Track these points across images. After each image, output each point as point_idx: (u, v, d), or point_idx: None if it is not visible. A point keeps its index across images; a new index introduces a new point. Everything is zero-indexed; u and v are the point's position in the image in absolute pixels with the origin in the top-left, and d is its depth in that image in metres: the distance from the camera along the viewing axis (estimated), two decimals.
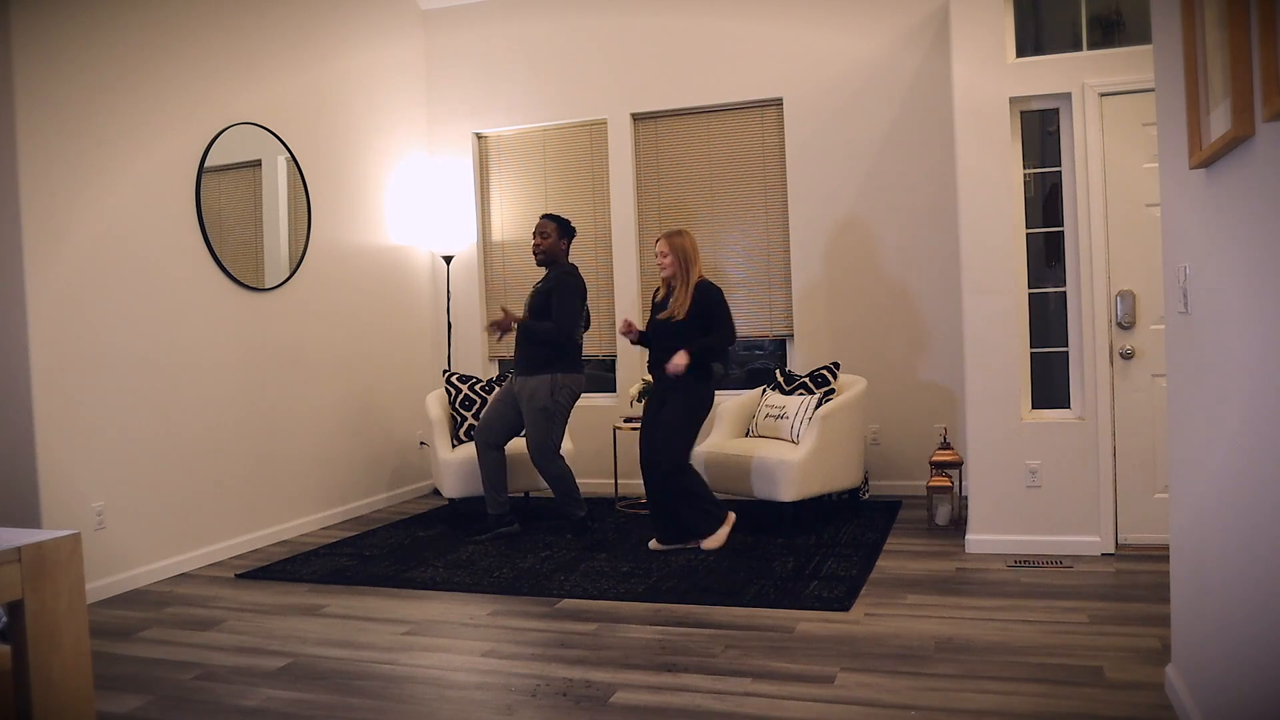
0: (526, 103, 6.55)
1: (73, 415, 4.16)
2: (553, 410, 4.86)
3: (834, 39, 5.89)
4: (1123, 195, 4.29)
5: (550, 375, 4.84)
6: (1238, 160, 1.93)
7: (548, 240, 4.99)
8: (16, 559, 1.71)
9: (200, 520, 4.82)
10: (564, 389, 4.87)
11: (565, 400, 4.90)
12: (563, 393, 4.87)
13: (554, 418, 4.87)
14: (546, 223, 5.03)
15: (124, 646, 3.60)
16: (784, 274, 6.09)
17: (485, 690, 3.07)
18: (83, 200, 4.24)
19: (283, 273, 5.42)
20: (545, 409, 4.83)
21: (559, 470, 4.87)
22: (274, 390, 5.32)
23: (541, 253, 5.01)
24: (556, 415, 4.87)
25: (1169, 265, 2.60)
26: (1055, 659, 3.09)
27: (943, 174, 5.58)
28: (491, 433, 5.03)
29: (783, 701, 2.86)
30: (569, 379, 4.89)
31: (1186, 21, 2.18)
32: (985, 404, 4.45)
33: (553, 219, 5.05)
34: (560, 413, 4.89)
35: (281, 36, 5.44)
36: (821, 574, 4.18)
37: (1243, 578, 2.01)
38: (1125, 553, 4.30)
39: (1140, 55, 4.17)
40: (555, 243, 5.00)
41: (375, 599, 4.15)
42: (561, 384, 4.86)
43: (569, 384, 4.90)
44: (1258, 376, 1.86)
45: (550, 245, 4.99)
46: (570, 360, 4.91)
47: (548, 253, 5.00)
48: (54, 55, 4.10)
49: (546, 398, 4.83)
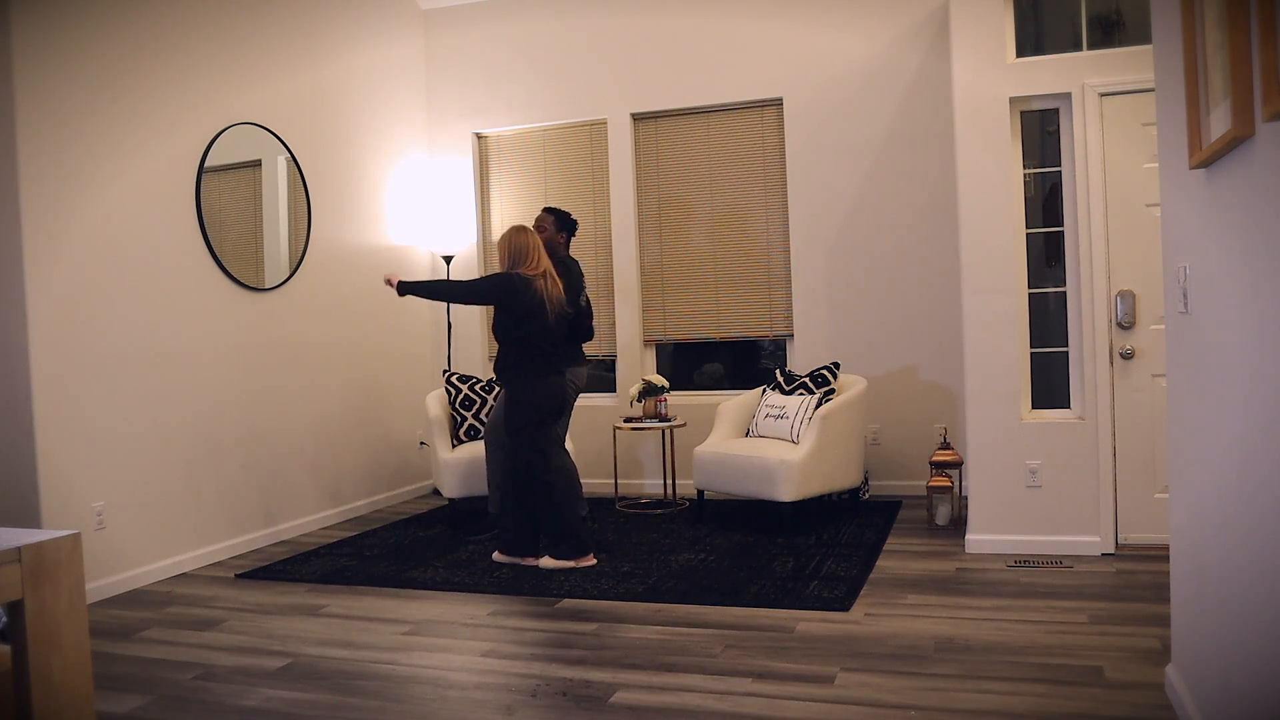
0: (526, 103, 6.55)
1: (73, 415, 4.16)
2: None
3: (834, 39, 5.89)
4: (1123, 195, 4.29)
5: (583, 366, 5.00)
6: (1238, 160, 1.93)
7: (544, 234, 4.97)
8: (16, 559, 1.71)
9: (200, 520, 4.82)
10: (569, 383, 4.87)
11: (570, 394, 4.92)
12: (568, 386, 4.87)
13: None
14: (545, 216, 5.03)
15: (124, 646, 3.60)
16: (784, 274, 6.10)
17: (485, 690, 3.07)
18: (83, 200, 4.24)
19: (283, 273, 5.42)
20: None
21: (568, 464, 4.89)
22: (274, 390, 5.32)
23: None
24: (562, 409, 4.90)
25: (1169, 265, 2.60)
26: (1055, 659, 3.09)
27: (943, 174, 5.58)
28: (500, 431, 5.01)
29: (783, 701, 2.86)
30: (573, 373, 4.90)
31: (1186, 21, 2.18)
32: (985, 404, 4.45)
33: (551, 213, 5.04)
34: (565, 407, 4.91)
35: (281, 36, 5.44)
36: (821, 574, 4.18)
37: (1243, 577, 2.01)
38: (1125, 553, 4.30)
39: (1140, 55, 4.17)
40: (552, 236, 4.99)
41: (375, 599, 4.15)
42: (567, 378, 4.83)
43: (573, 378, 4.91)
44: (1258, 376, 1.86)
45: (547, 239, 4.96)
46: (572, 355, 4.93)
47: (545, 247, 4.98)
48: (54, 55, 4.10)
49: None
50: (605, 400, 6.46)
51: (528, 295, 4.37)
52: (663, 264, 6.35)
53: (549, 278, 4.47)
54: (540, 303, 4.39)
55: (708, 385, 6.55)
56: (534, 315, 4.39)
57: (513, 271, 4.42)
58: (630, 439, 6.26)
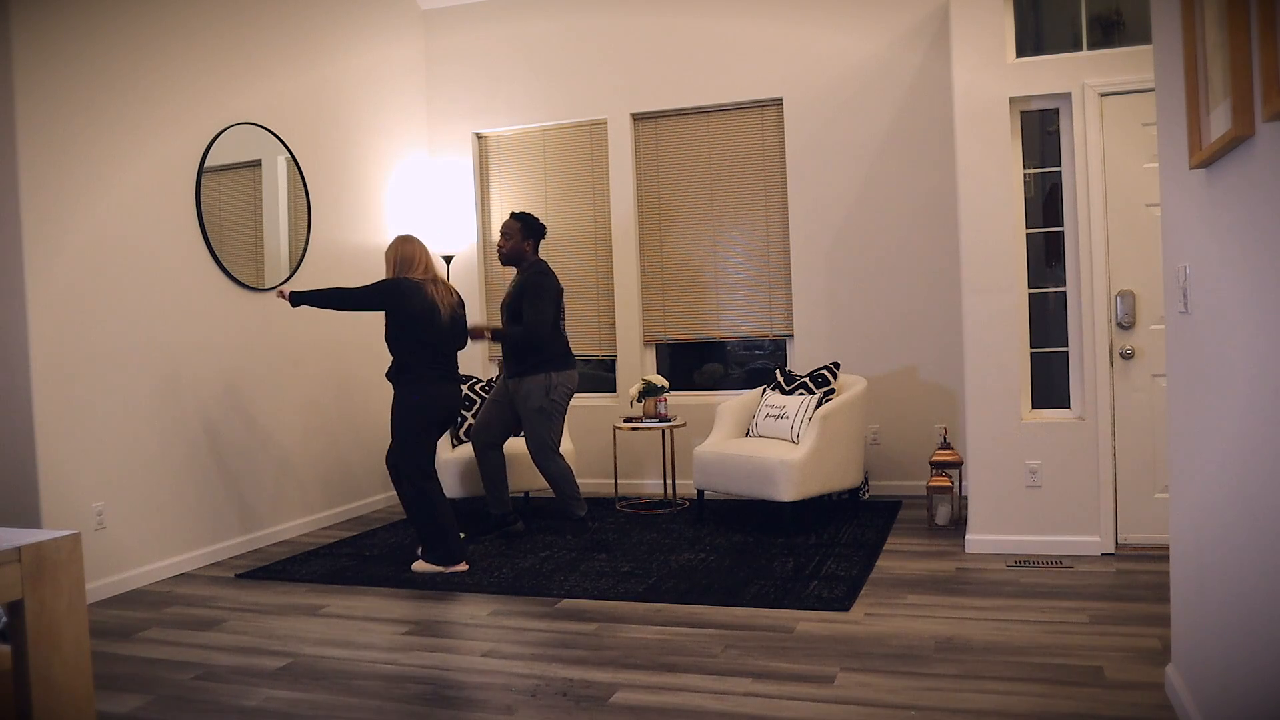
0: (526, 103, 6.55)
1: (73, 415, 4.16)
2: (549, 410, 4.84)
3: (834, 39, 5.89)
4: (1123, 195, 4.29)
5: (545, 374, 4.82)
6: (1238, 160, 1.93)
7: (510, 241, 4.94)
8: (16, 559, 1.71)
9: (200, 520, 4.82)
10: (559, 388, 4.85)
11: (561, 399, 4.87)
12: (558, 391, 4.84)
13: (551, 417, 4.85)
14: (511, 222, 4.97)
15: (124, 646, 3.60)
16: (784, 274, 6.10)
17: (485, 690, 3.07)
18: (83, 200, 4.24)
19: (282, 273, 5.41)
20: (542, 409, 4.82)
21: (560, 469, 4.86)
22: (274, 390, 5.32)
23: (504, 253, 4.97)
24: (554, 414, 4.86)
25: (1169, 265, 2.60)
26: (1055, 659, 3.09)
27: (943, 174, 5.58)
28: (489, 433, 5.03)
29: (783, 701, 2.86)
30: (563, 377, 4.86)
31: (1186, 21, 2.18)
32: (985, 404, 4.45)
33: (518, 218, 4.99)
34: (557, 411, 4.87)
35: (281, 36, 5.44)
36: (821, 574, 4.18)
37: (1243, 577, 2.01)
38: (1125, 553, 4.30)
39: (1140, 55, 4.17)
40: (519, 243, 4.94)
41: (375, 599, 4.15)
42: (556, 383, 4.84)
43: (563, 382, 4.87)
44: (1258, 376, 1.86)
45: (513, 246, 4.94)
46: (562, 357, 4.89)
47: (510, 254, 4.96)
48: (54, 55, 4.10)
49: (543, 398, 4.81)
50: (605, 400, 6.46)
51: (418, 299, 4.41)
52: (663, 264, 6.35)
53: (439, 283, 4.53)
54: (432, 306, 4.44)
55: (708, 385, 6.55)
56: (426, 320, 4.43)
57: (401, 277, 4.47)
58: (631, 439, 6.26)
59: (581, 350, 6.51)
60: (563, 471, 4.85)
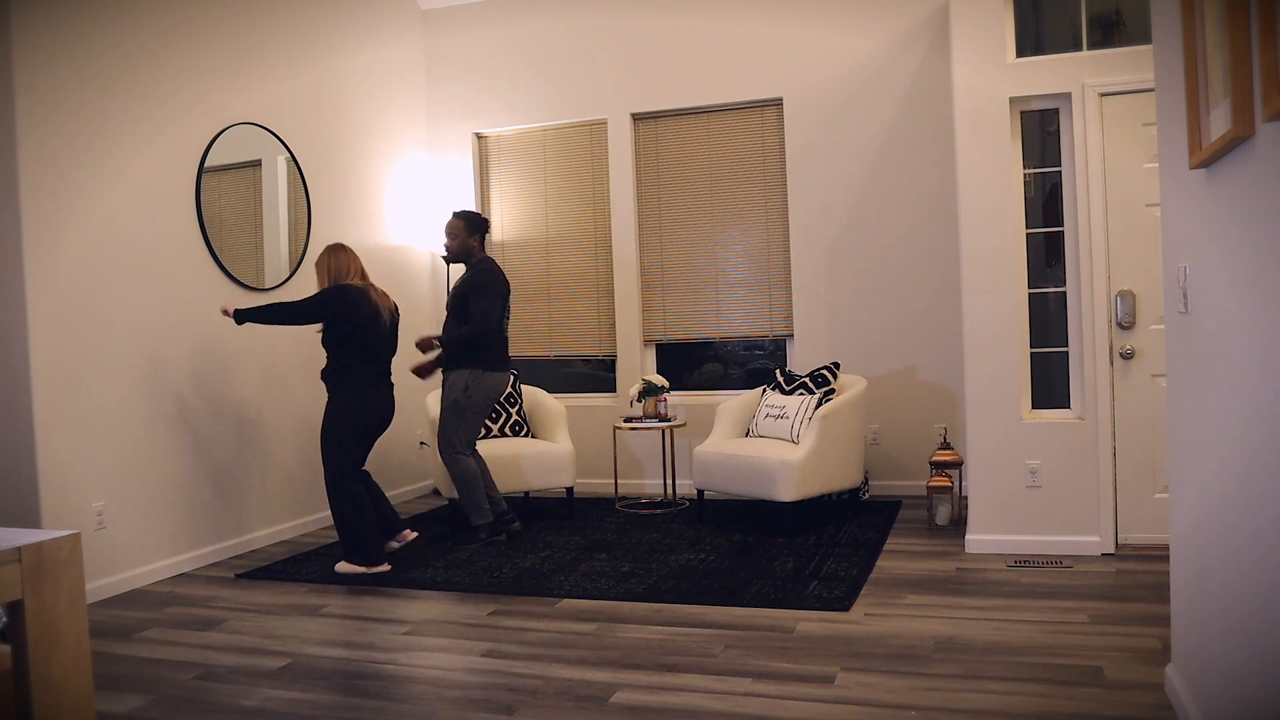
0: (526, 103, 6.55)
1: (73, 415, 4.16)
2: (463, 406, 4.80)
3: (834, 39, 5.89)
4: (1123, 195, 4.29)
5: (471, 370, 4.80)
6: (1238, 160, 1.93)
7: (455, 240, 4.96)
8: (16, 559, 1.71)
9: (200, 520, 4.82)
10: (481, 388, 4.81)
11: (480, 399, 4.83)
12: (478, 390, 4.81)
13: (463, 414, 4.82)
14: (455, 221, 4.99)
15: (124, 646, 3.60)
16: (784, 274, 6.10)
17: (485, 690, 3.07)
18: (83, 200, 4.24)
19: (283, 273, 5.41)
20: (456, 402, 4.79)
21: (462, 470, 4.82)
22: (274, 389, 5.32)
23: (451, 252, 4.99)
24: (467, 412, 4.82)
25: (1169, 265, 2.60)
26: (1055, 659, 3.09)
27: (943, 174, 5.58)
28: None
29: (783, 701, 2.86)
30: (488, 378, 4.84)
31: (1186, 21, 2.18)
32: (985, 404, 4.45)
33: (460, 216, 5.00)
34: (472, 410, 4.83)
35: (281, 36, 5.44)
36: (821, 574, 4.18)
37: (1243, 577, 2.01)
38: (1125, 553, 4.30)
39: (1140, 55, 4.17)
40: (464, 241, 4.96)
41: (375, 599, 4.15)
42: (480, 382, 4.80)
43: (487, 383, 4.84)
44: (1258, 376, 1.86)
45: (459, 244, 4.96)
46: (496, 359, 4.87)
47: (457, 252, 4.97)
48: (54, 55, 4.10)
49: (459, 393, 4.79)
50: (605, 400, 6.46)
51: (365, 304, 4.47)
52: (663, 264, 6.35)
53: (375, 289, 4.59)
54: (376, 311, 4.50)
55: (708, 385, 6.55)
56: (369, 325, 4.48)
57: (345, 284, 4.51)
58: (631, 439, 6.26)
59: (582, 350, 6.51)
60: (465, 473, 4.82)
